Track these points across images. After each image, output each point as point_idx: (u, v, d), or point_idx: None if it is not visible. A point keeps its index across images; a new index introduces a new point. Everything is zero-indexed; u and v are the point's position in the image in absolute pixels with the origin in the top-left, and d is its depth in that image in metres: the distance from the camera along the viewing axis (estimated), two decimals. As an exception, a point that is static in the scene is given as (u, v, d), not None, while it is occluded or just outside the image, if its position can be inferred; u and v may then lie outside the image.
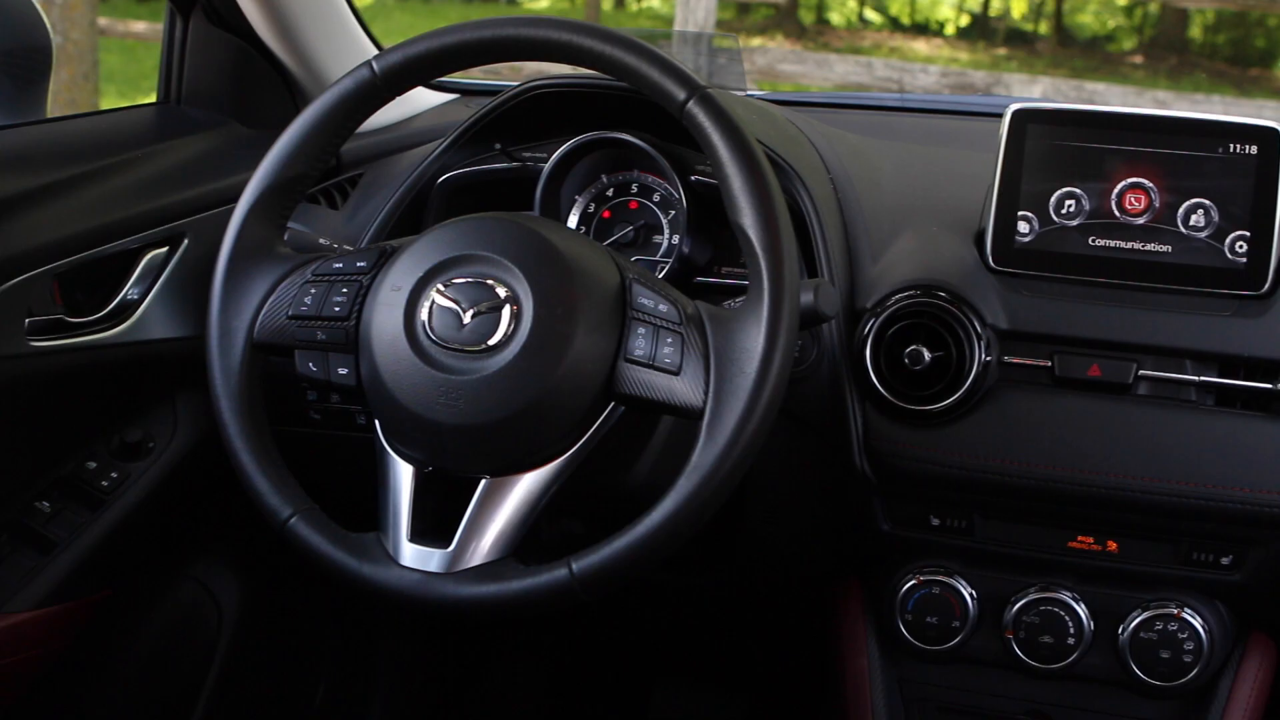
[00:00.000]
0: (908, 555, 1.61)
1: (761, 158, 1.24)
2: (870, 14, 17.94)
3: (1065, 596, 1.56)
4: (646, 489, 1.27)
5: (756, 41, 13.30)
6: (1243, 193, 1.49)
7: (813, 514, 1.64)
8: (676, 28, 7.00)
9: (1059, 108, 1.53)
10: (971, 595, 1.59)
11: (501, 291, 1.23)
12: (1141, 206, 1.51)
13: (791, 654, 2.19)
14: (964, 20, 17.62)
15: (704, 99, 1.25)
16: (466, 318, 1.23)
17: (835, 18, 17.83)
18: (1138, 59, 15.73)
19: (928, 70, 7.22)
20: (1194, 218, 1.50)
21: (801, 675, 2.01)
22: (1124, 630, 1.56)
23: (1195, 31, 17.21)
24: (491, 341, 1.22)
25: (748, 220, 1.22)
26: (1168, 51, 15.39)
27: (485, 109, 1.66)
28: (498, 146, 1.66)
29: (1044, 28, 17.68)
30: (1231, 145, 1.49)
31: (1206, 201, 1.50)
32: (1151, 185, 1.51)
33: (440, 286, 1.24)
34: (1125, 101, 6.81)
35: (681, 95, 1.25)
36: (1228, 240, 1.49)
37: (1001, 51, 15.78)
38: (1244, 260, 1.49)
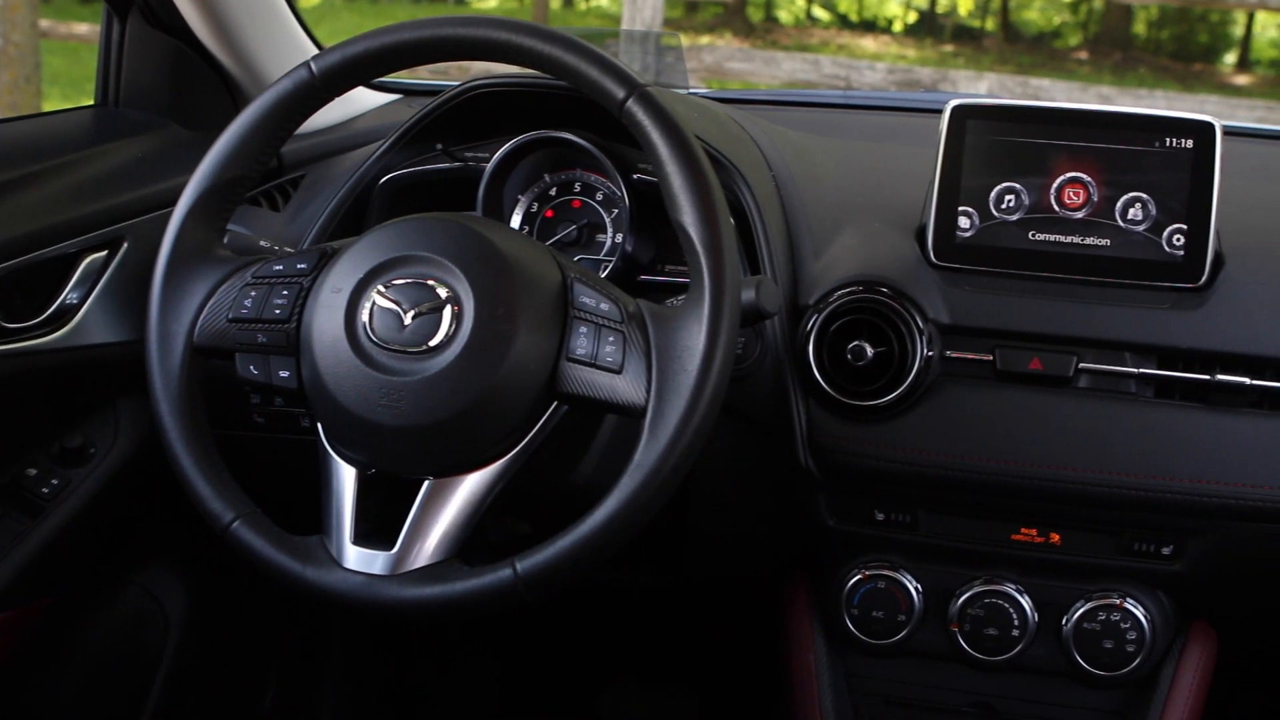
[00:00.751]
0: (853, 550, 1.62)
1: (701, 155, 1.24)
2: (818, 11, 18.02)
3: (1009, 589, 1.57)
4: (591, 488, 1.27)
5: (705, 40, 13.32)
6: (1179, 186, 1.50)
7: (758, 510, 1.64)
8: (624, 26, 7.00)
9: (998, 103, 1.54)
10: (917, 589, 1.59)
11: (442, 292, 1.22)
12: (1080, 201, 1.52)
13: (741, 651, 2.19)
14: (911, 17, 17.73)
15: (643, 97, 1.25)
16: (407, 319, 1.22)
17: (784, 15, 17.90)
18: (1083, 55, 15.88)
19: (874, 67, 7.24)
20: (1132, 211, 1.51)
21: (752, 672, 2.01)
22: (1067, 621, 1.57)
23: (1139, 27, 17.38)
24: (433, 342, 1.21)
25: (688, 218, 1.22)
26: (1112, 47, 15.54)
27: (426, 109, 1.65)
28: (439, 147, 1.66)
29: (991, 24, 17.82)
30: (1168, 140, 1.50)
31: (1144, 195, 1.51)
32: (1090, 180, 1.52)
33: (381, 288, 1.24)
34: (1070, 97, 6.85)
35: (621, 94, 1.25)
36: (1165, 233, 1.51)
37: (949, 48, 15.89)
38: (1181, 253, 1.51)
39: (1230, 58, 17.66)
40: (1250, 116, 6.76)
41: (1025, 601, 1.57)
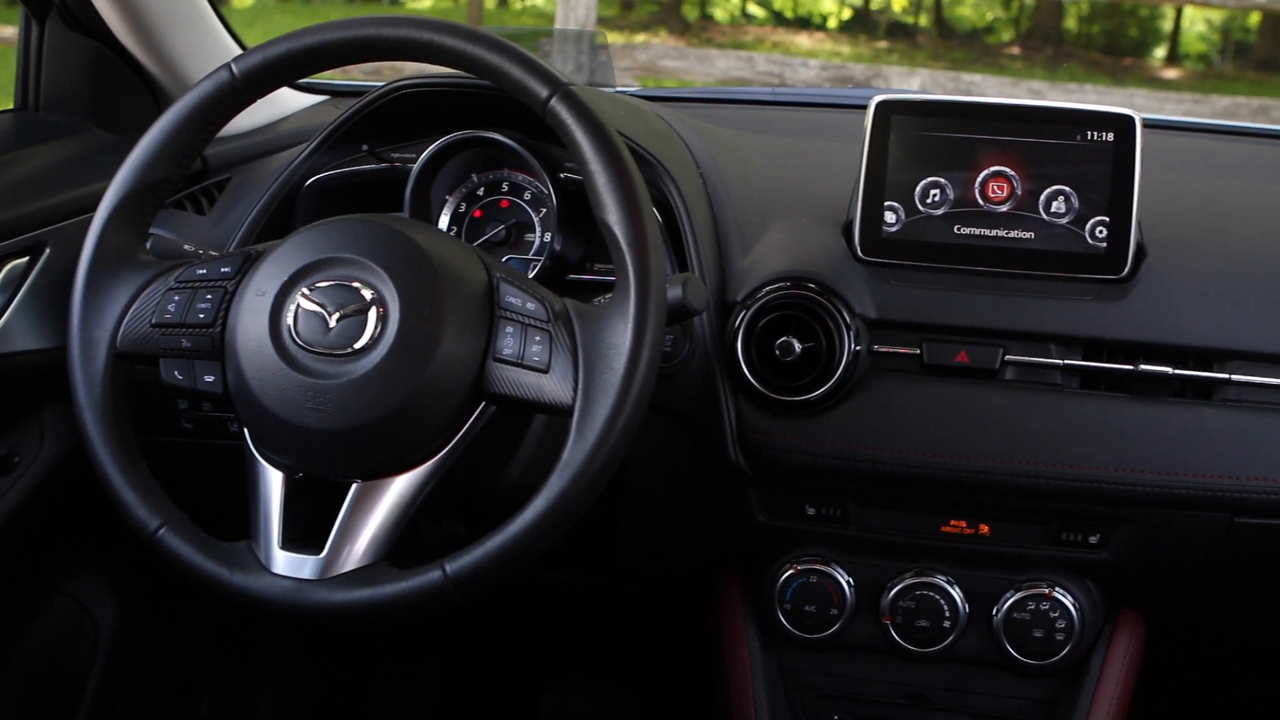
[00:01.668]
0: (785, 545, 1.62)
1: (625, 153, 1.24)
2: (754, 8, 18.07)
3: (940, 580, 1.59)
4: (522, 487, 1.27)
5: (640, 38, 13.33)
6: (1101, 179, 1.52)
7: (690, 507, 1.64)
8: (557, 25, 6.99)
9: (921, 99, 1.56)
10: (848, 583, 1.60)
11: (367, 294, 1.22)
12: (1004, 194, 1.53)
13: (679, 648, 2.19)
14: (846, 14, 17.82)
15: (566, 96, 1.25)
16: (332, 321, 1.21)
17: (719, 13, 17.95)
18: (1015, 50, 16.03)
19: (808, 64, 7.27)
20: (1055, 204, 1.53)
21: (690, 669, 2.02)
22: (998, 611, 1.59)
23: (1071, 23, 17.57)
24: (358, 345, 1.20)
25: (612, 216, 1.23)
26: (1044, 42, 15.69)
27: (351, 110, 1.64)
28: (365, 148, 1.65)
29: (924, 21, 17.95)
30: (1089, 133, 1.52)
31: (1067, 188, 1.52)
32: (1013, 173, 1.53)
33: (305, 290, 1.23)
34: (1001, 91, 6.93)
35: (544, 93, 1.25)
36: (1088, 226, 1.52)
37: (883, 44, 15.98)
38: (1104, 245, 1.52)
39: (1160, 52, 17.89)
40: (1178, 109, 6.86)
41: (956, 593, 1.58)
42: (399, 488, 1.24)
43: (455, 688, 2.44)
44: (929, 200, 1.55)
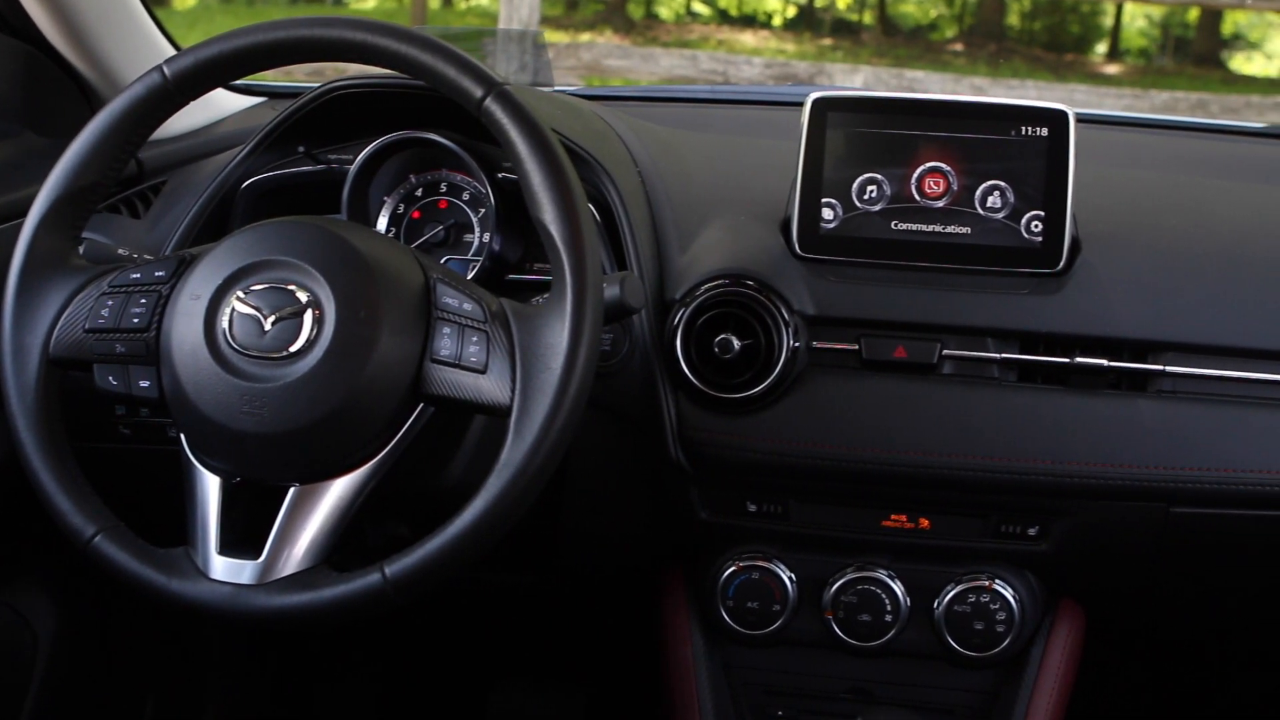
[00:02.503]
0: (727, 542, 1.63)
1: (560, 153, 1.24)
2: (699, 7, 18.09)
3: (881, 575, 1.59)
4: (463, 488, 1.27)
5: (585, 37, 13.32)
6: (1036, 174, 1.53)
7: (632, 505, 1.64)
8: (500, 25, 6.98)
9: (857, 95, 1.56)
10: (790, 578, 1.61)
11: (303, 296, 1.21)
12: (940, 190, 1.54)
13: (625, 646, 2.20)
14: (791, 12, 17.86)
15: (501, 96, 1.25)
16: (268, 324, 1.21)
17: (664, 11, 17.95)
18: (958, 47, 16.12)
19: (752, 62, 7.29)
20: (991, 199, 1.54)
21: (636, 667, 2.02)
22: (939, 604, 1.60)
23: (1013, 19, 17.68)
24: (294, 347, 1.20)
25: (548, 216, 1.23)
26: (987, 39, 15.79)
27: (287, 111, 1.63)
28: (302, 149, 1.64)
29: (869, 18, 18.01)
30: (1024, 128, 1.53)
31: (1002, 183, 1.54)
32: (949, 169, 1.54)
33: (240, 293, 1.22)
34: (944, 88, 6.97)
35: (479, 93, 1.25)
36: (1024, 220, 1.53)
37: (827, 42, 16.04)
38: (1039, 239, 1.53)
39: (1101, 48, 18.03)
40: (1118, 104, 6.94)
41: (897, 587, 1.59)
42: (337, 491, 1.24)
43: (402, 690, 2.43)
44: (866, 196, 1.55)
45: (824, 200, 1.55)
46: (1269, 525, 1.51)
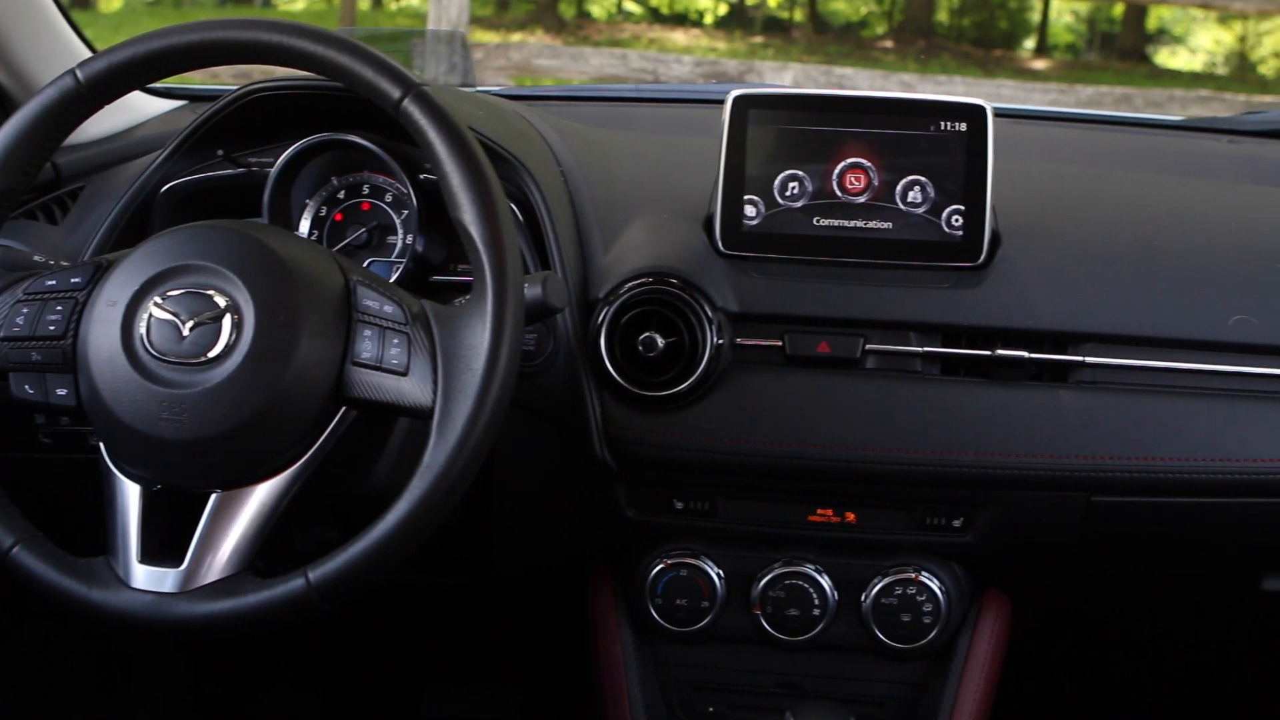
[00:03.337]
0: (654, 540, 1.63)
1: (479, 153, 1.24)
2: (631, 5, 18.09)
3: (809, 569, 1.60)
4: (388, 491, 1.26)
5: (516, 37, 13.29)
6: (956, 168, 1.54)
7: (560, 505, 1.64)
8: (430, 26, 6.95)
9: (777, 92, 1.57)
10: (719, 575, 1.62)
11: (221, 301, 1.21)
12: (861, 185, 1.55)
13: (558, 646, 2.19)
14: (722, 10, 17.90)
15: (419, 96, 1.25)
16: (186, 329, 1.20)
17: (596, 10, 17.94)
18: (888, 43, 16.21)
19: (682, 60, 7.30)
20: (911, 194, 1.55)
21: (569, 666, 2.02)
22: (866, 597, 1.61)
23: (942, 15, 17.81)
24: (212, 353, 1.19)
25: (468, 216, 1.23)
26: (916, 35, 15.89)
27: (206, 114, 1.61)
28: (220, 153, 1.62)
29: (799, 16, 18.08)
30: (942, 123, 1.54)
31: (922, 178, 1.55)
32: (870, 164, 1.55)
33: (158, 299, 1.21)
34: (873, 84, 7.00)
35: (396, 94, 1.25)
36: (944, 214, 1.55)
37: (758, 40, 16.08)
38: (960, 233, 1.55)
39: (1029, 43, 18.21)
40: (1044, 99, 7.00)
41: (825, 581, 1.60)
42: (260, 496, 1.23)
43: (335, 694, 2.42)
44: (788, 193, 1.56)
45: (746, 197, 1.56)
46: (1187, 512, 1.53)
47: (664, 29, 16.48)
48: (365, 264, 1.59)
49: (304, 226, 1.62)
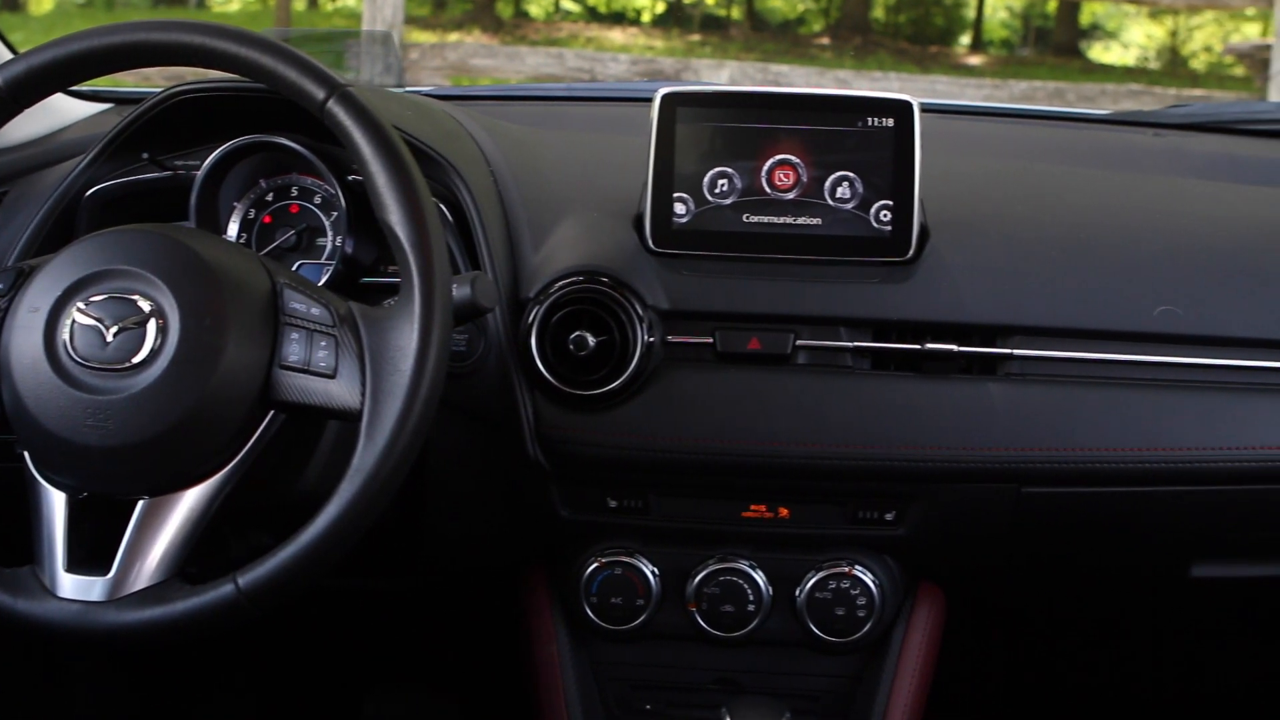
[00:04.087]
0: (588, 539, 1.63)
1: (405, 153, 1.24)
2: (568, 4, 18.09)
3: (743, 565, 1.61)
4: (319, 494, 1.26)
5: (454, 37, 13.25)
6: (883, 164, 1.55)
7: (493, 505, 1.64)
8: (365, 26, 6.92)
9: (705, 90, 1.57)
10: (653, 572, 1.62)
11: (145, 305, 1.20)
12: (790, 182, 1.56)
13: (496, 648, 2.19)
14: (660, 8, 17.94)
15: (343, 97, 1.24)
16: (110, 335, 1.19)
17: (534, 9, 17.94)
18: (825, 40, 16.29)
19: (618, 59, 7.31)
20: (840, 190, 1.56)
21: (508, 667, 2.02)
22: (800, 592, 1.61)
23: (879, 12, 17.93)
24: (137, 358, 1.18)
25: (394, 217, 1.22)
26: (853, 32, 15.99)
27: (130, 117, 1.60)
28: (145, 156, 1.61)
29: (737, 13, 18.14)
30: (870, 119, 1.55)
31: (851, 174, 1.55)
32: (799, 161, 1.55)
33: (81, 305, 1.20)
34: (808, 81, 7.03)
35: (320, 94, 1.24)
36: (872, 210, 1.55)
37: (696, 38, 16.12)
38: (888, 228, 1.55)
39: (965, 39, 18.37)
40: (978, 94, 7.05)
41: (759, 576, 1.61)
42: (189, 502, 1.23)
43: (275, 700, 2.40)
44: (717, 190, 1.56)
45: (676, 195, 1.56)
46: (1116, 502, 1.55)
47: (601, 28, 16.49)
48: (295, 266, 1.58)
49: (232, 229, 1.61)
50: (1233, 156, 1.99)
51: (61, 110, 1.95)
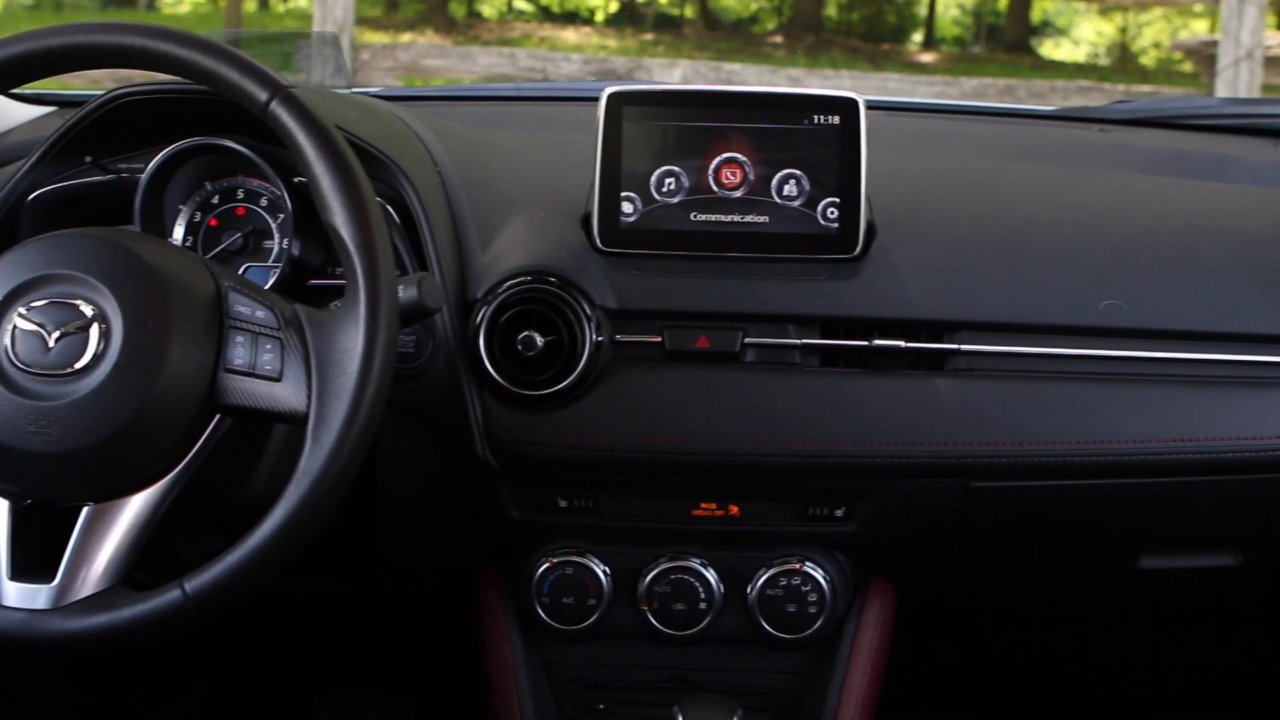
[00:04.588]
0: (539, 539, 1.63)
1: (349, 154, 1.24)
2: (521, 4, 18.07)
3: (694, 563, 1.61)
4: (267, 498, 1.25)
5: (406, 37, 13.20)
6: (830, 161, 1.55)
7: (443, 506, 1.64)
8: (315, 27, 6.89)
9: (651, 89, 1.57)
10: (605, 572, 1.62)
11: (88, 310, 1.19)
12: (737, 180, 1.56)
13: (449, 649, 2.19)
14: (613, 7, 17.94)
15: (287, 99, 1.24)
16: (52, 340, 1.18)
17: (487, 9, 17.91)
18: (778, 39, 16.34)
19: (570, 59, 7.31)
20: (787, 188, 1.56)
21: (461, 669, 2.02)
22: (751, 589, 1.61)
23: (831, 10, 17.99)
24: (80, 364, 1.17)
25: (338, 219, 1.22)
26: (805, 31, 16.04)
27: (72, 120, 1.58)
28: (89, 159, 1.59)
29: (690, 12, 18.17)
30: (816, 117, 1.55)
31: (797, 172, 1.56)
32: (745, 159, 1.56)
33: (22, 310, 1.19)
34: (761, 80, 7.06)
35: (263, 96, 1.24)
36: (819, 207, 1.56)
37: (649, 37, 16.13)
38: (836, 225, 1.56)
39: (917, 37, 18.47)
40: (929, 92, 7.10)
41: (710, 574, 1.61)
42: (135, 507, 1.22)
43: (226, 705, 2.39)
44: (665, 189, 1.56)
45: (623, 194, 1.56)
46: (1064, 495, 1.56)
47: (555, 27, 16.48)
48: (242, 269, 1.57)
49: (178, 233, 1.60)
50: (1176, 151, 2.01)
51: (3, 113, 1.93)
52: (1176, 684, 2.26)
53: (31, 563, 1.22)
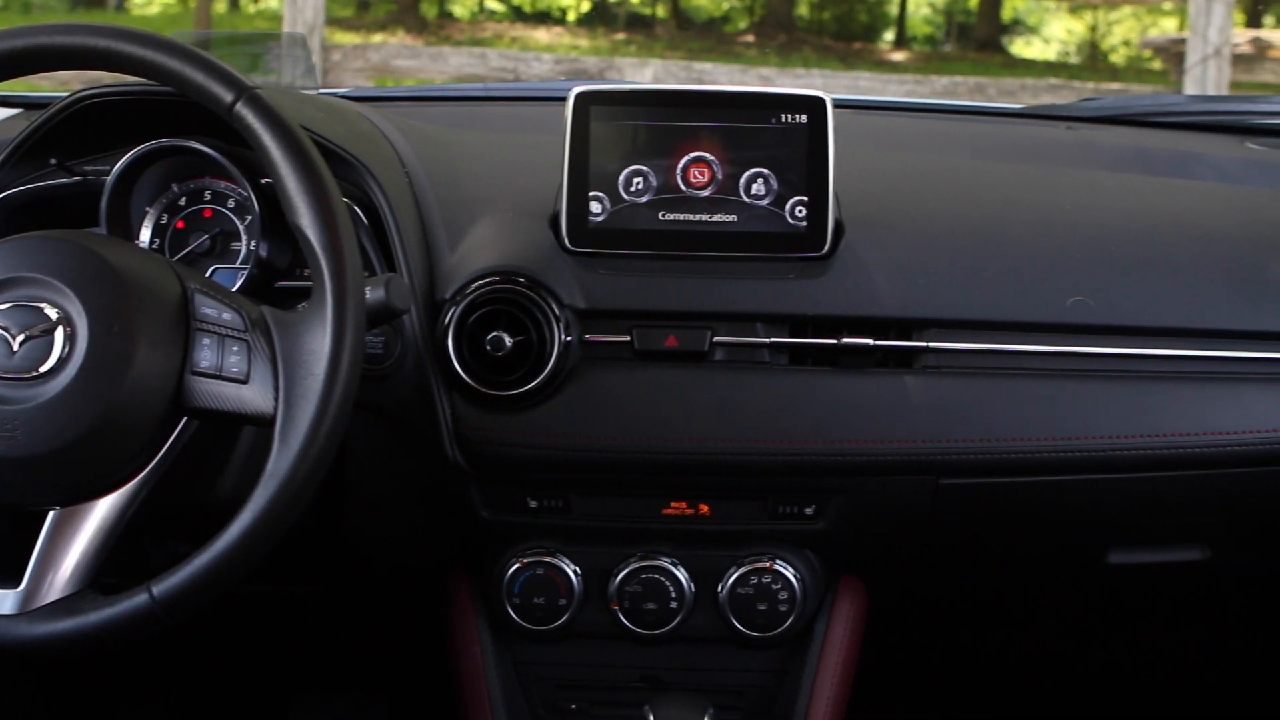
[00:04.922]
0: (510, 539, 1.63)
1: (315, 155, 1.23)
2: (493, 4, 18.04)
3: (665, 562, 1.61)
4: (235, 501, 1.25)
5: (377, 38, 13.17)
6: (798, 160, 1.55)
7: (412, 508, 1.63)
8: (285, 28, 6.87)
9: (619, 88, 1.57)
10: (575, 572, 1.62)
11: (52, 313, 1.18)
12: (705, 179, 1.56)
13: (421, 651, 2.18)
14: (585, 7, 17.93)
15: (252, 100, 1.23)
16: (16, 344, 1.17)
17: (458, 10, 17.87)
18: (750, 38, 16.35)
19: (542, 59, 7.30)
20: (755, 187, 1.56)
21: (433, 671, 2.02)
22: (722, 588, 1.62)
23: (803, 9, 18.01)
24: (45, 367, 1.17)
25: (305, 220, 1.22)
26: (777, 30, 16.05)
27: (36, 123, 1.57)
28: (54, 161, 1.59)
29: (662, 11, 18.16)
30: (784, 115, 1.56)
31: (765, 170, 1.56)
32: (713, 158, 1.56)
33: None
34: (732, 79, 7.07)
35: (228, 97, 1.23)
36: (788, 206, 1.56)
37: (621, 36, 16.13)
38: (804, 224, 1.56)
39: (889, 35, 18.51)
40: (900, 90, 7.12)
41: (681, 573, 1.61)
42: (101, 511, 1.21)
43: (197, 710, 2.38)
44: (633, 189, 1.56)
45: (591, 194, 1.56)
46: (1032, 491, 1.56)
47: (526, 27, 16.46)
48: (209, 271, 1.57)
49: (145, 235, 1.59)
50: (1143, 149, 2.02)
51: (-32, 116, 1.92)
52: (1148, 679, 2.28)
53: None
